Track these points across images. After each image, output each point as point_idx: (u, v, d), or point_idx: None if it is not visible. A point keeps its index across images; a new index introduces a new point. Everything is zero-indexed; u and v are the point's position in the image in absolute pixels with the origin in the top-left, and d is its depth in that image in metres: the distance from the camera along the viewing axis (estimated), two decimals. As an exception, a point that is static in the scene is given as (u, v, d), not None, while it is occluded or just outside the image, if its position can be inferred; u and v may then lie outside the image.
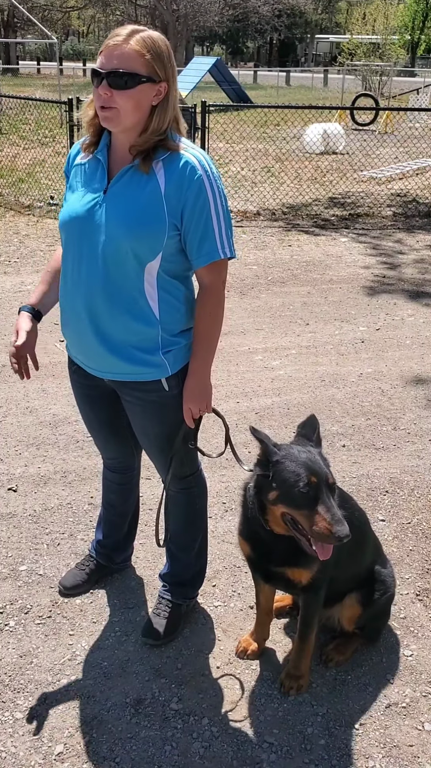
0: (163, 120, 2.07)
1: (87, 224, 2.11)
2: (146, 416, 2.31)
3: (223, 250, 2.14)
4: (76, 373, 2.44)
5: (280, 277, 6.84)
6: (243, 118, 15.26)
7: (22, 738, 2.21)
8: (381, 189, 11.11)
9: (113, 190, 2.10)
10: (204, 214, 2.09)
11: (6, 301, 5.99)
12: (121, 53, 1.99)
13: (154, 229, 2.06)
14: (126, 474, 2.70)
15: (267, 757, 2.18)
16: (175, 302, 2.19)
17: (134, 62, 1.99)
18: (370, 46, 31.52)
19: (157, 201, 2.06)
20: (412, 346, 5.31)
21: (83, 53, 57.98)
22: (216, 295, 2.20)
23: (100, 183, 2.13)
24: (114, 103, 2.00)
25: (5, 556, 2.98)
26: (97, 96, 2.03)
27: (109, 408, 2.46)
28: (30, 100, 11.90)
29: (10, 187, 10.24)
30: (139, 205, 2.06)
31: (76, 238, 2.14)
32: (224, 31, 51.73)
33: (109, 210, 2.08)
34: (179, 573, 2.63)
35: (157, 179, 2.07)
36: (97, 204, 2.10)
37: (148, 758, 2.16)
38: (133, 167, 2.09)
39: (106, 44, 2.02)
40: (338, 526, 1.97)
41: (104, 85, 1.99)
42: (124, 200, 2.08)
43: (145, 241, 2.07)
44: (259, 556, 2.28)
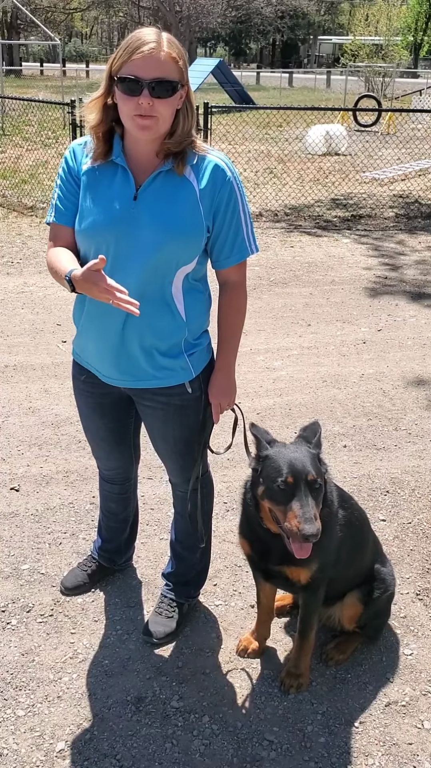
0: (189, 121, 2.06)
1: (119, 232, 2.05)
2: (168, 420, 2.31)
3: (250, 247, 2.22)
4: (85, 383, 2.38)
5: (282, 278, 6.86)
6: (246, 120, 15.29)
7: (23, 735, 2.23)
8: (383, 190, 11.12)
9: (145, 196, 2.06)
10: (236, 216, 2.14)
11: (9, 301, 6.01)
12: (160, 61, 1.93)
13: (195, 233, 2.09)
14: (124, 484, 2.70)
15: (267, 754, 2.19)
16: (198, 304, 2.23)
17: (173, 69, 1.95)
18: (373, 47, 31.53)
19: (194, 204, 2.07)
20: (414, 347, 5.32)
21: (86, 54, 58.04)
22: (243, 291, 2.29)
23: (126, 188, 2.07)
24: (155, 111, 1.95)
25: (7, 555, 2.99)
26: (133, 105, 1.94)
27: (119, 416, 2.45)
28: (33, 101, 11.92)
29: (13, 188, 10.27)
30: (179, 210, 2.06)
31: (107, 246, 2.07)
32: (227, 32, 51.80)
33: (144, 217, 2.05)
34: (183, 572, 2.65)
35: (190, 182, 2.07)
36: (129, 211, 2.05)
37: (148, 755, 2.17)
38: (163, 171, 2.06)
39: (139, 51, 1.93)
40: (306, 524, 1.98)
41: (146, 95, 1.93)
42: (162, 206, 2.05)
43: (187, 245, 2.09)
44: (259, 554, 2.30)
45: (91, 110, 2.07)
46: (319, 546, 2.22)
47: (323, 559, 2.25)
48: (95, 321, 2.19)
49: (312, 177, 11.78)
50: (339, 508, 2.32)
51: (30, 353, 4.97)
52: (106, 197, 2.08)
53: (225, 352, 2.30)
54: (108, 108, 2.04)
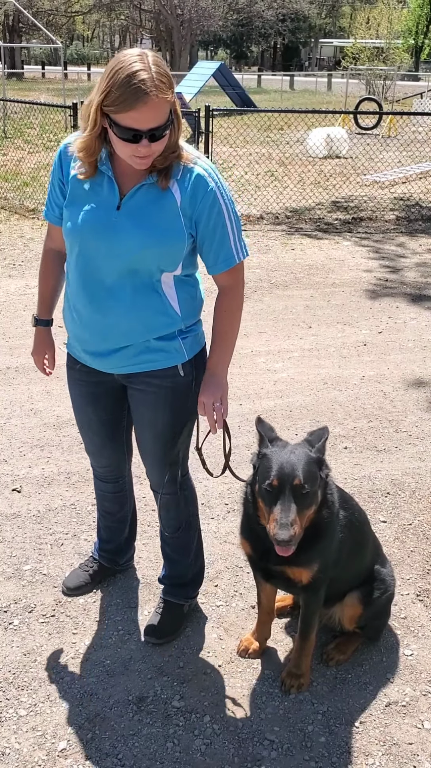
0: (176, 136, 2.06)
1: (102, 240, 2.10)
2: (159, 404, 2.32)
3: (238, 254, 2.21)
4: (80, 372, 2.42)
5: (283, 281, 6.87)
6: (247, 122, 15.30)
7: (25, 734, 2.24)
8: (384, 193, 11.14)
9: (129, 207, 2.09)
10: (219, 225, 2.15)
11: (11, 303, 6.03)
12: (158, 110, 1.93)
13: (176, 243, 2.12)
14: (118, 482, 2.71)
15: (268, 754, 2.20)
16: (190, 298, 2.27)
17: (165, 110, 1.96)
18: (374, 50, 31.56)
19: (175, 216, 2.10)
20: (414, 349, 5.33)
21: (88, 57, 58.14)
22: (234, 295, 2.28)
23: (110, 198, 2.11)
24: (151, 152, 1.99)
25: (9, 556, 3.01)
26: (132, 149, 1.97)
27: (112, 407, 2.47)
28: (34, 104, 11.96)
29: (15, 190, 10.29)
30: (160, 223, 2.08)
31: (91, 252, 2.14)
32: (228, 35, 51.89)
33: (127, 227, 2.08)
34: (178, 575, 2.66)
35: (172, 193, 2.09)
36: (111, 220, 2.09)
37: (149, 755, 2.18)
38: (147, 184, 2.08)
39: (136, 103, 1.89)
40: (280, 530, 2.00)
41: (146, 144, 1.96)
42: (144, 218, 2.08)
43: (168, 255, 2.13)
44: (259, 554, 2.31)
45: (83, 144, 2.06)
46: (320, 547, 2.24)
47: (324, 559, 2.27)
48: (88, 320, 2.24)
49: (313, 180, 11.80)
50: (340, 509, 2.33)
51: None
52: (90, 204, 2.12)
53: (215, 353, 2.29)
54: (98, 137, 2.04)
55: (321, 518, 2.22)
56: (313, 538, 2.20)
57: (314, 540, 2.21)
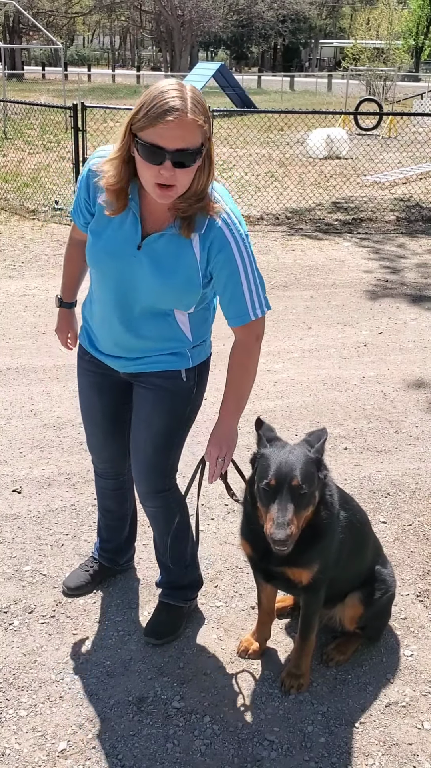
0: (204, 181, 1.99)
1: (121, 276, 2.13)
2: (157, 403, 2.33)
3: (254, 311, 2.17)
4: (89, 362, 2.44)
5: (283, 282, 6.88)
6: (247, 123, 15.31)
7: (26, 735, 2.24)
8: (384, 193, 11.15)
9: (150, 251, 2.08)
10: (232, 282, 2.12)
11: (11, 304, 6.03)
12: (185, 129, 1.85)
13: (191, 294, 2.15)
14: (118, 479, 2.71)
15: (268, 754, 2.20)
16: (204, 322, 2.30)
17: (196, 136, 1.88)
18: (374, 51, 31.60)
19: (193, 269, 2.10)
20: (414, 349, 5.33)
21: (88, 58, 58.19)
22: (248, 349, 2.23)
23: (132, 236, 2.09)
24: (175, 180, 1.91)
25: (10, 557, 3.01)
26: (154, 173, 1.90)
27: (117, 399, 2.47)
28: (35, 105, 11.98)
29: (15, 191, 10.30)
30: (178, 274, 2.09)
31: (111, 281, 2.16)
32: (228, 36, 51.94)
33: (145, 270, 2.10)
34: (175, 581, 2.65)
35: (192, 247, 2.08)
36: (132, 259, 2.10)
37: (149, 755, 2.18)
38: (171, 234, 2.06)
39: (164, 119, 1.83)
40: (277, 530, 2.00)
41: (168, 166, 1.87)
42: (162, 267, 2.09)
43: (180, 303, 2.17)
44: (260, 555, 2.31)
45: (110, 166, 2.01)
46: (319, 548, 2.24)
47: (324, 560, 2.27)
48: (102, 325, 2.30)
49: (313, 180, 11.81)
50: (340, 510, 2.33)
51: (32, 356, 4.99)
52: (114, 236, 2.12)
53: (226, 403, 2.27)
54: (126, 163, 1.98)
55: (320, 519, 2.22)
56: (313, 538, 2.20)
57: (314, 541, 2.21)
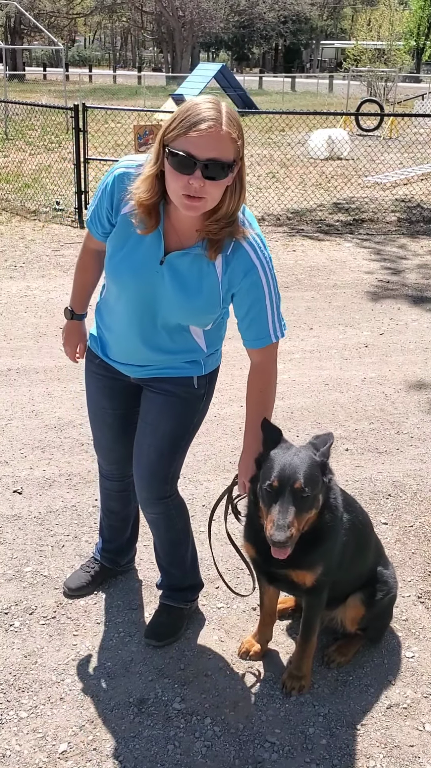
0: (235, 203, 1.97)
1: (141, 291, 2.12)
2: (165, 407, 2.32)
3: (275, 333, 2.18)
4: (97, 366, 2.43)
5: (284, 282, 6.87)
6: (249, 124, 15.33)
7: (26, 736, 2.24)
8: (385, 194, 11.14)
9: (172, 267, 2.07)
10: (257, 304, 2.12)
11: (12, 305, 6.03)
12: (219, 141, 1.83)
13: (209, 314, 2.16)
14: (123, 481, 2.70)
15: (269, 756, 2.20)
16: (217, 334, 2.31)
17: (230, 150, 1.86)
18: (375, 51, 31.61)
19: (215, 291, 2.10)
20: (416, 350, 5.33)
21: (89, 59, 58.22)
22: (266, 373, 2.24)
23: (155, 250, 2.07)
24: (205, 193, 1.88)
25: (10, 558, 3.01)
26: (183, 184, 1.87)
27: (126, 403, 2.47)
28: (36, 105, 11.99)
29: (16, 192, 10.30)
30: (200, 295, 2.09)
31: (131, 294, 2.15)
32: (230, 37, 51.96)
33: (167, 286, 2.09)
34: (175, 584, 2.65)
35: (215, 269, 2.07)
36: (153, 274, 2.08)
37: (150, 757, 2.18)
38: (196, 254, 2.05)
39: (197, 128, 1.82)
40: (277, 531, 2.00)
41: (198, 176, 1.84)
42: (185, 286, 2.08)
43: (199, 322, 2.19)
44: (263, 557, 2.30)
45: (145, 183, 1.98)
46: (323, 550, 2.23)
47: (327, 562, 2.26)
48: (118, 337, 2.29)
49: (314, 181, 11.81)
50: (343, 512, 2.33)
51: (33, 357, 4.99)
52: (135, 250, 2.10)
53: (252, 430, 2.25)
54: (159, 178, 1.96)
55: (324, 522, 2.21)
56: (317, 541, 2.20)
57: (317, 543, 2.21)
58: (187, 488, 3.41)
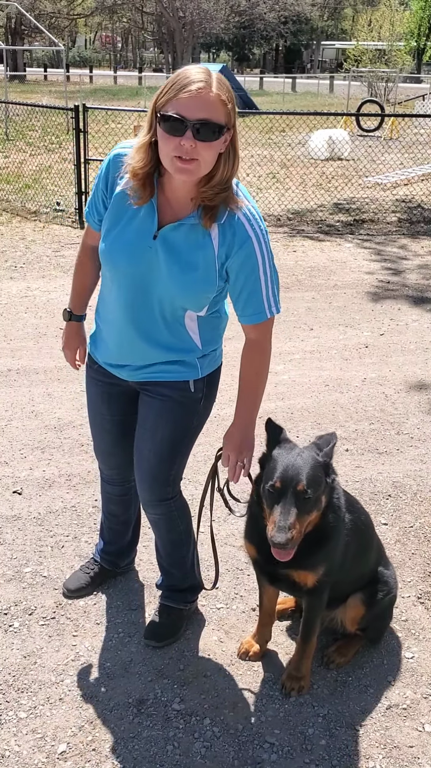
0: (229, 169, 1.98)
1: (135, 268, 2.09)
2: (163, 414, 2.31)
3: (270, 309, 2.16)
4: (97, 372, 2.42)
5: (285, 283, 6.87)
6: (249, 125, 15.33)
7: (25, 737, 2.24)
8: (386, 195, 11.14)
9: (167, 240, 2.05)
10: (253, 278, 2.10)
11: (12, 306, 6.03)
12: (208, 102, 1.84)
13: (206, 290, 2.11)
14: (124, 485, 2.70)
15: (268, 757, 2.19)
16: (213, 330, 2.28)
17: (219, 112, 1.87)
18: (376, 52, 31.63)
19: (210, 264, 2.07)
20: (416, 351, 5.33)
21: (90, 60, 58.24)
22: (262, 349, 2.24)
23: (148, 225, 2.06)
24: (197, 155, 1.88)
25: (10, 558, 3.00)
26: (174, 145, 1.87)
27: (125, 409, 2.46)
28: (37, 106, 11.99)
29: (17, 192, 10.30)
30: (195, 268, 2.06)
31: (120, 274, 2.13)
32: (230, 37, 51.98)
33: (161, 260, 2.06)
34: (175, 584, 2.65)
35: (211, 240, 2.05)
36: (147, 249, 2.06)
37: (149, 758, 2.18)
38: (191, 224, 2.03)
39: (187, 90, 1.84)
40: (278, 533, 1.99)
41: (189, 136, 1.85)
42: (179, 259, 2.06)
43: (195, 300, 2.13)
44: (265, 557, 2.31)
45: (138, 152, 1.99)
46: (325, 551, 2.23)
47: (329, 563, 2.26)
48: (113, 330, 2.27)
49: (314, 182, 11.81)
50: (346, 513, 2.33)
51: (33, 357, 4.99)
52: (128, 229, 2.09)
53: (242, 406, 2.26)
54: (152, 147, 1.97)
55: (327, 523, 2.21)
56: (319, 542, 2.20)
57: (320, 544, 2.21)
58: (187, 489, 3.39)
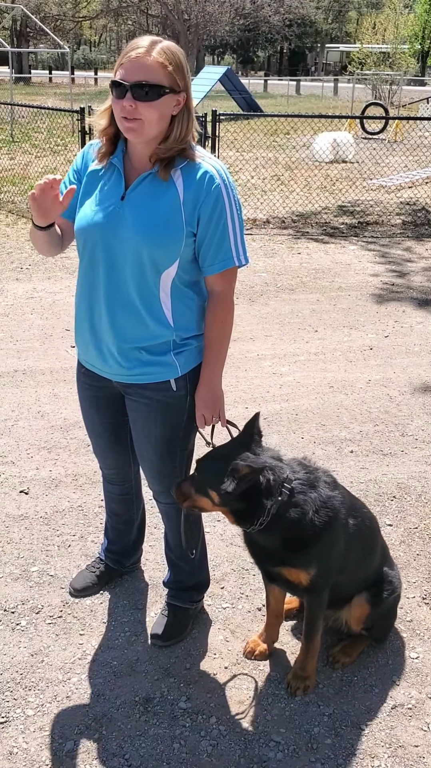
0: (184, 129, 2.10)
1: (105, 230, 2.14)
2: (151, 417, 2.33)
3: (238, 257, 2.20)
4: (85, 375, 2.46)
5: (289, 285, 6.89)
6: (254, 127, 15.36)
7: (33, 734, 2.25)
8: (390, 197, 11.15)
9: (131, 197, 2.14)
10: (221, 223, 2.14)
11: (18, 307, 6.06)
12: (145, 65, 1.99)
13: (172, 236, 2.11)
14: (124, 485, 2.72)
15: (274, 755, 2.21)
16: (187, 310, 2.25)
17: (158, 74, 2.00)
18: (380, 55, 31.62)
19: (175, 208, 2.11)
20: (421, 353, 5.34)
21: (95, 62, 58.36)
22: (227, 303, 2.26)
23: (117, 189, 2.16)
24: (138, 114, 2.01)
25: (17, 557, 3.02)
26: (119, 107, 2.03)
27: (115, 412, 2.48)
28: (42, 108, 12.02)
29: (23, 194, 10.34)
30: (158, 212, 2.11)
31: (93, 244, 2.18)
32: (235, 40, 52.05)
33: (127, 216, 2.12)
34: (182, 580, 2.66)
35: (176, 187, 2.12)
36: (115, 210, 2.14)
37: (156, 755, 2.19)
38: (151, 174, 2.12)
39: (128, 56, 2.02)
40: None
41: (129, 97, 2.00)
42: (143, 207, 2.12)
43: (162, 248, 2.12)
44: (256, 557, 2.34)
45: (102, 115, 2.16)
46: (316, 552, 2.25)
47: (323, 565, 2.28)
48: (87, 317, 2.28)
49: (319, 184, 11.82)
50: (347, 518, 2.34)
51: (39, 358, 5.01)
52: (99, 197, 2.18)
53: (208, 363, 2.28)
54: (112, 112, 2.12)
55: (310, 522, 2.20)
56: (306, 541, 2.22)
57: (308, 543, 2.23)
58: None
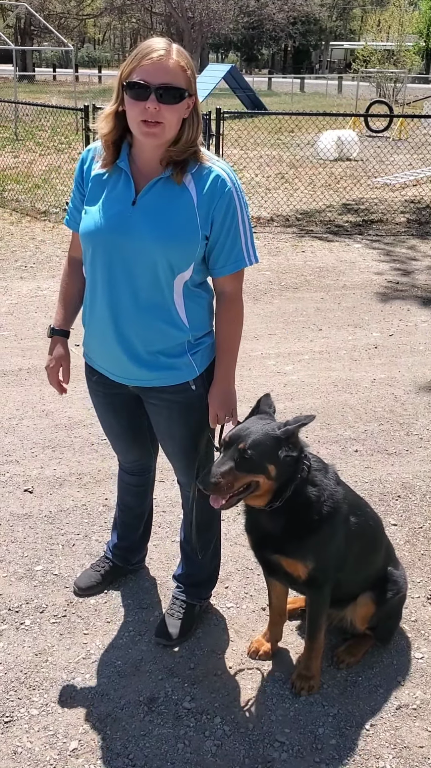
0: (194, 131, 2.09)
1: (117, 236, 2.11)
2: (173, 418, 2.34)
3: (249, 258, 2.22)
4: (96, 383, 2.45)
5: (294, 283, 6.88)
6: (258, 125, 15.34)
7: (37, 734, 2.25)
8: (394, 195, 11.13)
9: (143, 202, 2.11)
10: (233, 226, 2.15)
11: (23, 305, 6.06)
12: (168, 68, 1.98)
13: (189, 241, 2.11)
14: (143, 476, 2.74)
15: (278, 755, 2.20)
16: (199, 309, 2.26)
17: (180, 77, 1.99)
18: (385, 52, 31.58)
19: (190, 212, 2.10)
20: (425, 352, 5.32)
21: (99, 60, 58.32)
22: (238, 303, 2.28)
23: (126, 193, 2.12)
24: (161, 117, 1.99)
25: (21, 556, 3.02)
26: (139, 110, 1.98)
27: (132, 414, 2.49)
28: (46, 106, 12.03)
29: (27, 193, 10.34)
30: (174, 218, 2.09)
31: (104, 250, 2.15)
32: (239, 38, 52.00)
33: (142, 222, 2.09)
34: (194, 574, 2.67)
35: (189, 191, 2.10)
36: (126, 215, 2.11)
37: (161, 755, 2.19)
38: (162, 178, 2.10)
39: (148, 57, 1.98)
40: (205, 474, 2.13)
41: (152, 99, 1.97)
42: (158, 213, 2.09)
43: (180, 253, 2.12)
44: (256, 543, 2.35)
45: (104, 120, 2.12)
46: (313, 543, 2.26)
47: (320, 558, 2.27)
48: (99, 325, 2.27)
49: (323, 182, 11.80)
50: (348, 515, 2.34)
51: (43, 357, 4.97)
52: (107, 202, 2.14)
53: (222, 363, 2.31)
54: (119, 115, 2.09)
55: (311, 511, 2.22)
56: (305, 531, 2.23)
57: (307, 533, 2.23)
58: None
